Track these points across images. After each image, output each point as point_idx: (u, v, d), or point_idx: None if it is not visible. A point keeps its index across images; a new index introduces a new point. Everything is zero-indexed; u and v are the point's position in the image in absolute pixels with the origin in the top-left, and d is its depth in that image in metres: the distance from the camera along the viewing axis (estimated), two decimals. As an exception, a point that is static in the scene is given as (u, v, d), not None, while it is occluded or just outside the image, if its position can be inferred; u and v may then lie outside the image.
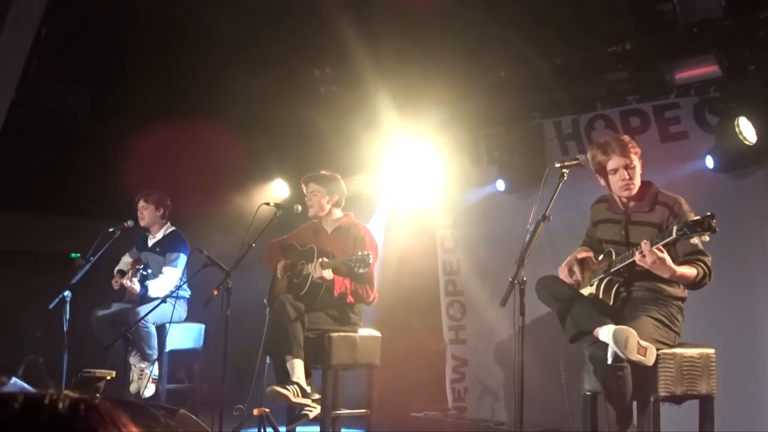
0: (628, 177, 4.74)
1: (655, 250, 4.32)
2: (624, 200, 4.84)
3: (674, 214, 4.63)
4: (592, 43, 6.29)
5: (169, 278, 7.02)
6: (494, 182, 7.22)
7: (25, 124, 7.50)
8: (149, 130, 7.33)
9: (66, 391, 1.16)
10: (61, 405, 1.13)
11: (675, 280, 4.54)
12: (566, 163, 4.67)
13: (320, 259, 5.84)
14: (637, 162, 4.75)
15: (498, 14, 6.39)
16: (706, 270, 4.55)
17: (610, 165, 4.75)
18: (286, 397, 5.65)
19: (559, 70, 6.49)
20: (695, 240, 4.48)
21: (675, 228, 4.32)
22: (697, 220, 4.26)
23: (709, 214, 4.22)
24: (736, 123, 5.64)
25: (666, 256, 4.35)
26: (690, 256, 4.56)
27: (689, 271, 4.49)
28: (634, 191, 4.78)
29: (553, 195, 4.56)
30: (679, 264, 4.49)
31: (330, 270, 5.82)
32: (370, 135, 7.50)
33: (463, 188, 7.56)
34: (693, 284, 4.57)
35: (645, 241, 4.38)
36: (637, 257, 4.41)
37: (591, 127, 6.70)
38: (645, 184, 4.83)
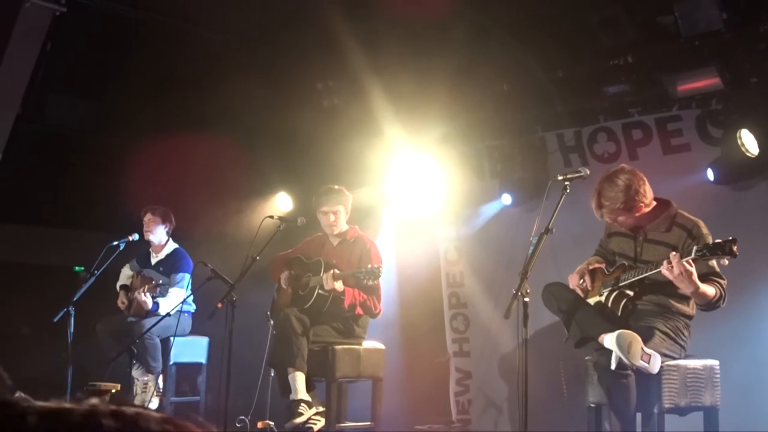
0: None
1: (684, 263, 4.33)
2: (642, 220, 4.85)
3: (692, 237, 4.64)
4: (594, 56, 6.31)
5: (176, 298, 7.04)
6: (497, 195, 7.23)
7: (30, 138, 7.52)
8: (153, 144, 7.35)
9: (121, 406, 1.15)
10: (78, 417, 1.13)
11: (695, 296, 4.53)
12: (569, 176, 4.68)
13: (332, 271, 5.84)
14: (622, 212, 4.76)
15: (500, 27, 6.42)
16: (723, 292, 4.56)
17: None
18: (302, 421, 5.68)
19: (562, 82, 6.51)
20: (713, 262, 4.50)
21: (695, 248, 4.34)
22: (718, 243, 4.27)
23: (731, 238, 4.23)
24: (738, 135, 5.65)
25: (693, 270, 4.36)
26: (709, 276, 4.57)
27: (709, 289, 4.50)
28: (629, 223, 4.82)
29: (556, 207, 4.57)
30: None
31: (341, 282, 5.85)
32: (374, 148, 7.52)
33: (467, 201, 7.57)
34: (708, 304, 4.58)
35: (674, 253, 4.39)
36: (664, 266, 4.41)
37: (593, 140, 6.72)
38: (662, 203, 4.84)
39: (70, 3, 6.66)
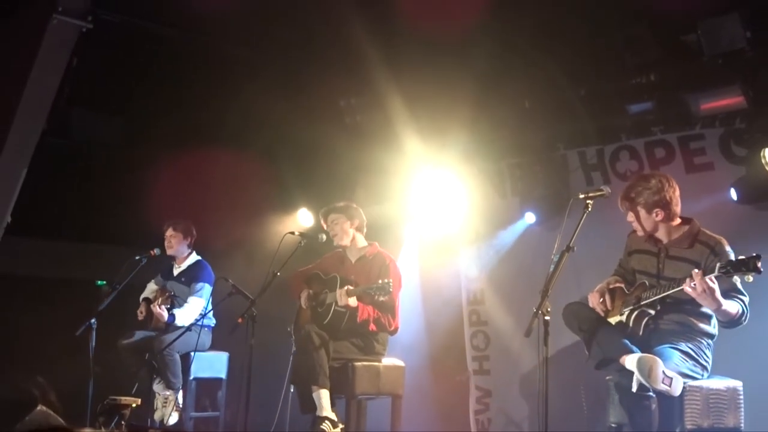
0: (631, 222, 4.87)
1: (707, 280, 4.33)
2: (658, 234, 4.85)
3: (715, 254, 4.64)
4: (616, 74, 6.30)
5: (194, 307, 7.06)
6: (518, 212, 7.22)
7: (54, 152, 7.60)
8: (176, 159, 7.41)
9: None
10: None
11: (717, 313, 4.54)
12: (591, 194, 4.67)
13: (345, 288, 5.86)
14: (636, 210, 4.82)
15: (523, 45, 6.43)
16: (745, 309, 4.56)
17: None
18: None
19: (584, 100, 6.50)
20: (736, 279, 4.50)
21: (718, 265, 4.34)
22: (742, 259, 4.27)
23: (755, 255, 4.23)
24: (762, 154, 5.62)
25: (716, 287, 4.37)
26: (731, 293, 4.58)
27: (732, 306, 4.51)
28: (648, 226, 4.82)
29: (577, 225, 4.56)
30: None
31: (354, 297, 5.85)
32: (395, 164, 7.53)
33: (488, 218, 7.55)
34: (731, 321, 4.59)
35: (696, 271, 4.39)
36: (687, 284, 4.42)
37: (616, 158, 6.69)
38: (685, 221, 4.86)
39: (96, 19, 6.73)
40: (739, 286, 4.61)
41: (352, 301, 5.85)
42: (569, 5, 6.07)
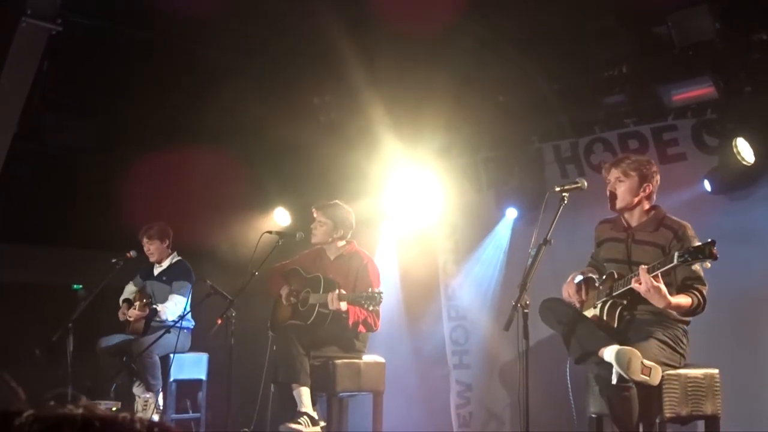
0: (613, 189, 4.83)
1: (651, 279, 4.35)
2: (627, 219, 4.88)
3: (678, 238, 4.66)
4: (589, 67, 6.35)
5: (177, 304, 7.04)
6: (494, 206, 7.25)
7: (27, 157, 7.53)
8: (151, 162, 7.37)
9: (139, 414, 1.24)
10: (138, 425, 1.19)
11: (669, 309, 4.55)
12: (566, 187, 4.69)
13: (336, 292, 5.81)
14: (631, 177, 4.79)
15: (496, 40, 6.45)
16: (701, 299, 4.57)
17: (607, 179, 4.86)
18: (297, 429, 5.64)
19: (558, 94, 6.54)
20: (696, 267, 4.52)
21: (676, 254, 4.35)
22: (698, 246, 4.28)
23: (709, 240, 4.24)
24: (734, 144, 5.68)
25: (661, 285, 4.38)
26: (688, 282, 4.59)
27: (684, 300, 4.52)
28: (617, 206, 4.83)
29: (554, 219, 4.58)
30: (676, 289, 4.51)
31: (345, 302, 5.83)
32: (371, 161, 7.53)
33: (464, 213, 7.58)
34: (686, 312, 4.60)
35: (643, 267, 4.41)
36: (633, 283, 4.45)
37: (590, 150, 6.74)
38: (652, 207, 4.88)
39: (65, 22, 6.68)
40: (701, 274, 4.61)
41: (344, 305, 5.83)
42: (542, 1, 6.10)
